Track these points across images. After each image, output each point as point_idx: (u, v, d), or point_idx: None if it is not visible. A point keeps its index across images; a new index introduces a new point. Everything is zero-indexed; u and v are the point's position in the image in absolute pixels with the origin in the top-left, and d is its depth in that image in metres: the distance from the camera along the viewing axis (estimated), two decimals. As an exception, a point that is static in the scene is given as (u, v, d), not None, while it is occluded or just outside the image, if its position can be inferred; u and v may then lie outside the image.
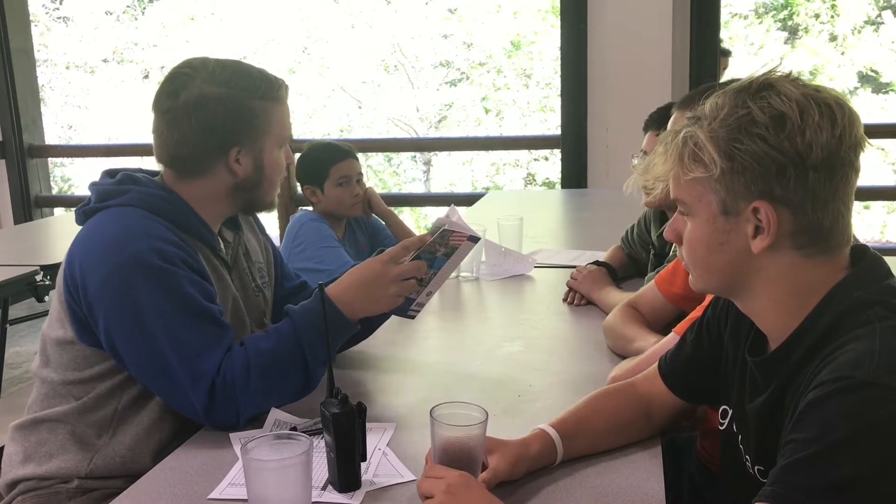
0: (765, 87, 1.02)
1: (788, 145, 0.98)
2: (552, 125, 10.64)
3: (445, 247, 1.53)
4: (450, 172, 11.38)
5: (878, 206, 9.16)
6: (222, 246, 1.60)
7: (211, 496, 1.23)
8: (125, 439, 1.48)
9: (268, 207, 1.63)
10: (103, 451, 1.47)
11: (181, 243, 1.46)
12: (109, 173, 1.57)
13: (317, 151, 2.87)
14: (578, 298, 2.20)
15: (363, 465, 1.24)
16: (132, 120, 10.30)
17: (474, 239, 1.53)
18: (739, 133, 1.00)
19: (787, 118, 0.98)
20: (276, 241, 3.23)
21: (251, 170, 1.54)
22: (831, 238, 1.03)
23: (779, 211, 1.01)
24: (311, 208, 2.87)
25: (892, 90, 10.35)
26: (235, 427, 1.42)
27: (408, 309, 1.59)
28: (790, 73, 1.04)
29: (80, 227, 1.53)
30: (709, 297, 1.48)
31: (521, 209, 3.12)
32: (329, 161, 2.79)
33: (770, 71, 1.05)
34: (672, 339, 1.53)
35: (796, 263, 1.04)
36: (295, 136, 5.78)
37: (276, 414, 1.46)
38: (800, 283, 1.05)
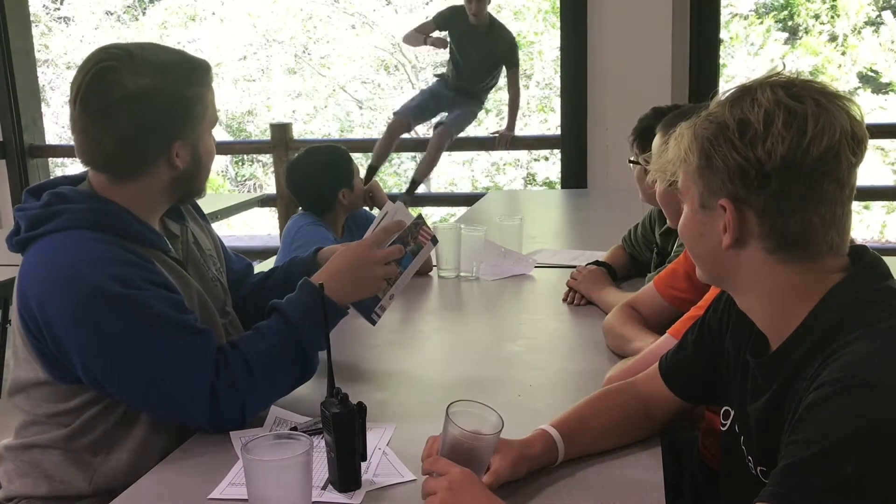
0: (747, 91, 1.04)
1: (750, 151, 1.01)
2: (552, 125, 10.65)
3: (415, 241, 1.57)
4: (450, 172, 11.39)
5: (877, 206, 9.16)
6: (170, 246, 1.52)
7: (211, 496, 1.23)
8: (122, 456, 1.43)
9: (201, 194, 1.56)
10: (102, 469, 1.43)
11: (135, 259, 1.38)
12: (32, 193, 1.46)
13: (334, 154, 2.79)
14: (578, 298, 2.20)
15: (363, 464, 1.24)
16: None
17: (435, 241, 1.60)
18: (714, 134, 1.04)
19: (750, 124, 1.01)
20: (276, 242, 3.17)
21: (189, 161, 1.46)
22: (806, 246, 1.04)
23: (743, 212, 1.04)
24: (300, 211, 2.82)
25: (892, 90, 10.35)
26: (241, 426, 1.42)
27: (372, 310, 1.58)
28: (789, 78, 1.04)
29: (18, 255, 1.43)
30: (706, 299, 1.49)
31: (521, 209, 3.13)
32: (350, 158, 2.77)
33: (769, 74, 1.06)
34: (667, 339, 1.54)
35: (773, 267, 1.05)
36: (295, 136, 5.73)
37: (276, 412, 1.46)
38: (782, 286, 1.06)
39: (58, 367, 1.39)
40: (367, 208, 2.90)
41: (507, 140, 5.41)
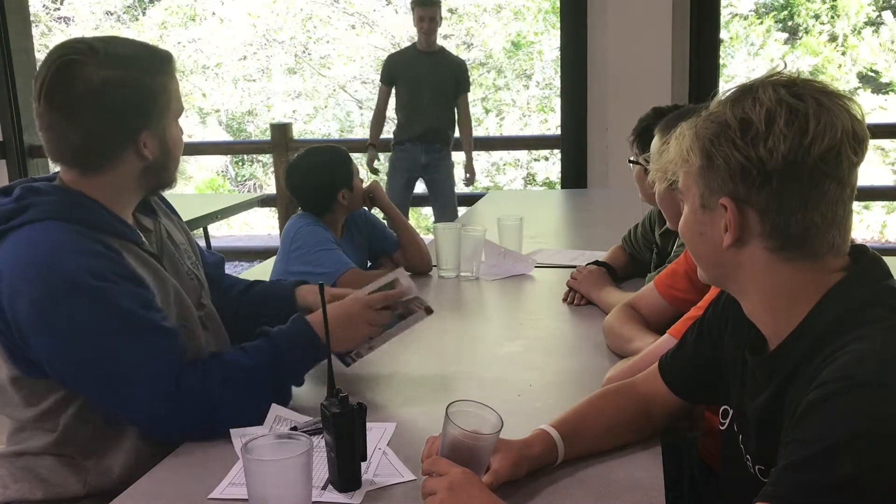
0: (748, 90, 1.04)
1: (752, 150, 1.01)
2: (552, 125, 10.64)
3: (405, 308, 1.63)
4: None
5: (878, 206, 9.15)
6: (144, 239, 1.51)
7: (211, 496, 1.23)
8: (115, 458, 1.43)
9: (171, 185, 1.55)
10: (95, 471, 1.42)
11: (106, 252, 1.38)
12: (3, 191, 1.45)
13: (333, 154, 2.77)
14: (578, 298, 2.20)
15: (363, 464, 1.24)
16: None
17: (429, 311, 1.66)
18: (716, 135, 1.04)
19: (752, 124, 1.01)
20: (276, 242, 3.15)
21: (158, 151, 1.45)
22: (809, 245, 1.04)
23: (745, 211, 1.04)
24: (299, 211, 2.80)
25: (892, 90, 10.35)
26: (206, 435, 1.41)
27: (348, 355, 1.64)
28: (790, 77, 1.05)
29: None
30: (705, 299, 1.49)
31: (521, 209, 3.12)
32: (349, 158, 2.75)
33: (770, 73, 1.06)
34: (667, 340, 1.54)
35: (774, 266, 1.05)
36: (295, 136, 5.69)
37: (276, 411, 1.46)
38: (783, 285, 1.06)
39: (26, 361, 1.38)
40: (366, 208, 2.88)
41: (472, 177, 5.36)
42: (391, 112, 5.31)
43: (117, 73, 1.38)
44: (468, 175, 5.37)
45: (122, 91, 1.38)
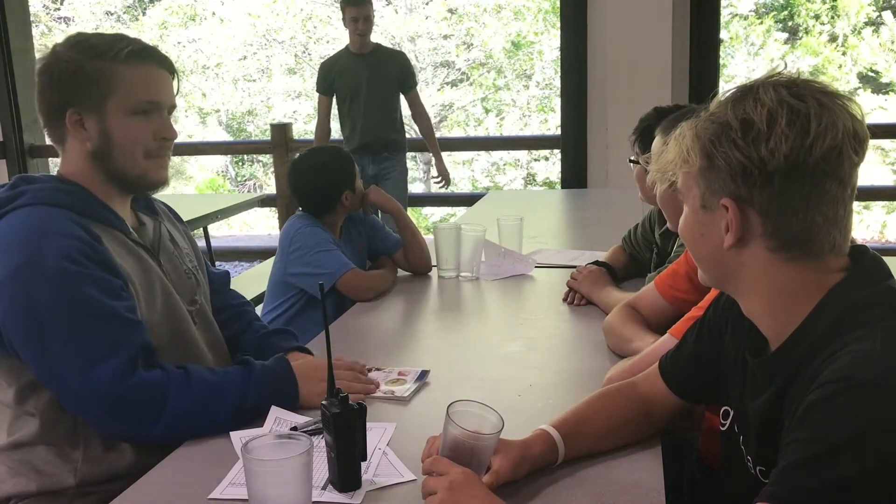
0: (748, 91, 1.04)
1: (753, 150, 1.01)
2: (552, 125, 10.65)
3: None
4: (450, 172, 11.40)
5: (878, 206, 9.16)
6: (131, 229, 1.55)
7: (211, 496, 1.23)
8: (99, 447, 1.44)
9: (141, 182, 1.53)
10: (84, 460, 1.44)
11: (83, 235, 1.41)
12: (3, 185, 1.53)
13: (336, 154, 2.76)
14: (578, 298, 2.20)
15: (363, 464, 1.24)
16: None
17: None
18: (717, 135, 1.04)
19: (753, 124, 1.01)
20: (276, 243, 3.14)
21: (97, 136, 1.48)
22: (809, 245, 1.04)
23: (746, 211, 1.04)
24: (298, 212, 2.79)
25: (892, 90, 10.36)
26: (140, 440, 1.42)
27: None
28: (790, 77, 1.05)
29: None
30: (706, 299, 1.49)
31: (521, 209, 3.12)
32: (351, 159, 2.73)
33: (770, 73, 1.06)
34: (667, 340, 1.54)
35: (775, 266, 1.06)
36: (295, 137, 5.64)
37: (276, 412, 1.46)
38: (783, 286, 1.06)
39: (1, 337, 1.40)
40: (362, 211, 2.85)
41: (446, 178, 5.09)
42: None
43: (63, 54, 1.47)
44: (441, 178, 5.10)
45: (53, 68, 1.47)
